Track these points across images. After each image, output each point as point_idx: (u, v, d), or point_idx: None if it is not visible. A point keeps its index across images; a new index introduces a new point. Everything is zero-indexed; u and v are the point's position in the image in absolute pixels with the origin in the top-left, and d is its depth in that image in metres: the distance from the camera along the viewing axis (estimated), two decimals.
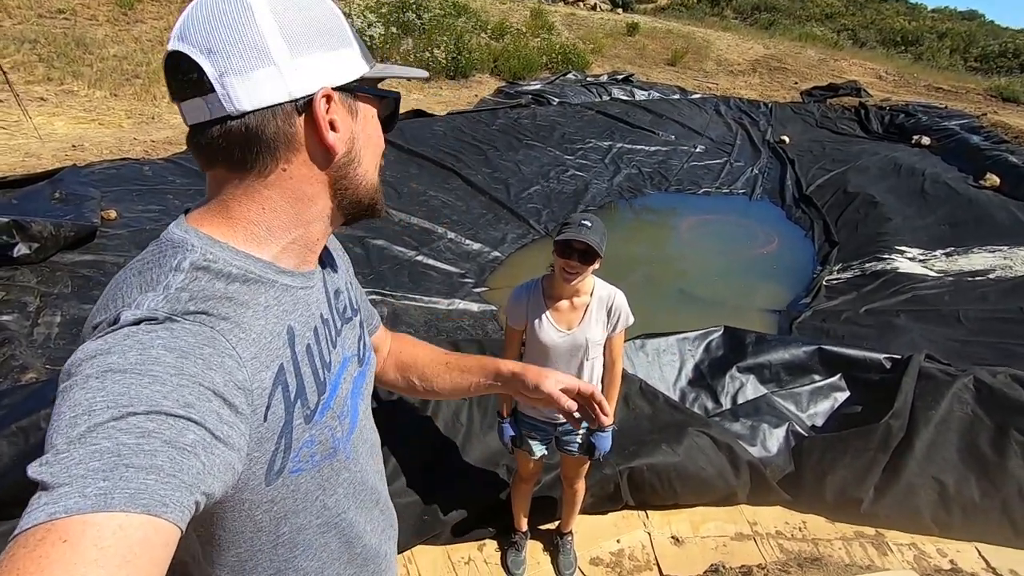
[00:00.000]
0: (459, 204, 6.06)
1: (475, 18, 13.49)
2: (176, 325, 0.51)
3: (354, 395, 0.74)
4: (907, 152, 8.50)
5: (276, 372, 0.58)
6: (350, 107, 0.63)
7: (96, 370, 0.46)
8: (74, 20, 9.15)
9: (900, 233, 5.85)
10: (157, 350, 0.48)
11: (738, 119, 10.51)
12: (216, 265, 0.57)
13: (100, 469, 0.40)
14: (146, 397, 0.45)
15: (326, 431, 0.65)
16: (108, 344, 0.48)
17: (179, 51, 0.55)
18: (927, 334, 4.04)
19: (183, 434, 0.45)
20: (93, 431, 0.42)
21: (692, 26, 19.20)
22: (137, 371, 0.46)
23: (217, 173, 0.60)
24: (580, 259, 1.63)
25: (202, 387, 0.48)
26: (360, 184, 0.67)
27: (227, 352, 0.53)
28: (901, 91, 13.74)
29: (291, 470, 0.61)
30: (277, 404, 0.58)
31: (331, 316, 0.72)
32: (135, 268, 0.57)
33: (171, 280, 0.54)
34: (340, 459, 0.69)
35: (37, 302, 3.20)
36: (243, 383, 0.53)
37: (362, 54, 0.64)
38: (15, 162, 5.19)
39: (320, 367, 0.66)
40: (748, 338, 3.00)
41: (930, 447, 2.40)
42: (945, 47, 23.82)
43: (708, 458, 2.35)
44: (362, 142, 0.65)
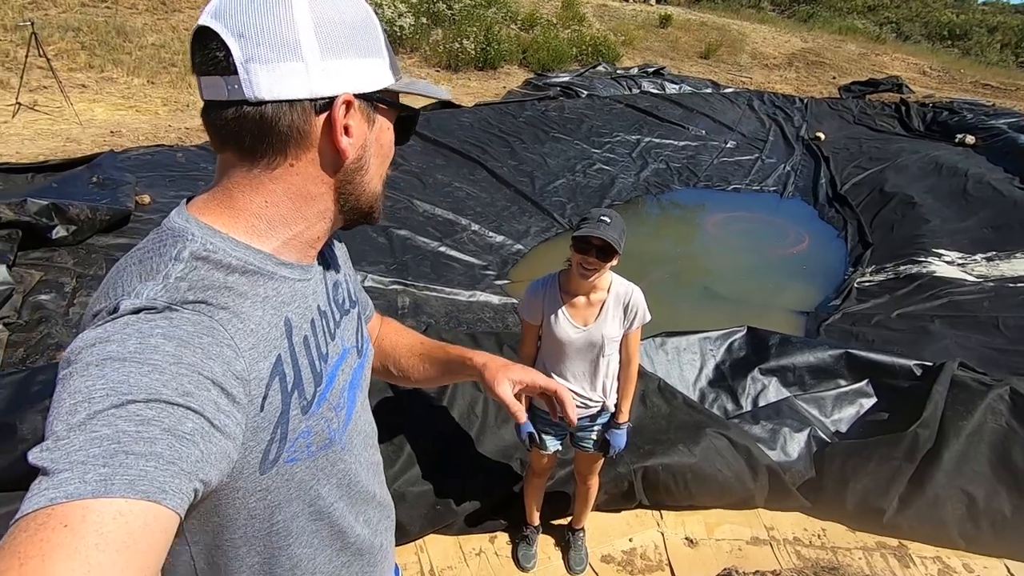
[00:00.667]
0: (484, 196, 6.06)
1: (505, 9, 13.40)
2: (175, 314, 0.51)
3: (352, 387, 0.75)
4: (950, 151, 8.17)
5: (274, 363, 0.59)
6: (368, 115, 0.63)
7: (96, 358, 0.46)
8: (115, 9, 9.40)
9: (938, 235, 5.63)
10: (156, 339, 0.48)
11: (772, 114, 10.24)
12: (216, 255, 0.57)
13: (100, 455, 0.41)
14: (145, 385, 0.45)
15: (322, 422, 0.66)
16: (107, 332, 0.48)
17: (210, 28, 0.55)
18: (963, 341, 3.89)
19: (182, 422, 0.46)
20: (93, 418, 0.43)
21: (727, 18, 18.73)
22: (136, 359, 0.46)
23: (226, 157, 0.60)
24: (598, 255, 1.60)
25: (200, 376, 0.49)
26: (364, 191, 0.67)
27: (225, 342, 0.53)
28: (946, 88, 13.19)
29: (286, 459, 0.61)
30: (274, 394, 0.58)
31: (329, 308, 0.73)
32: (135, 257, 0.58)
33: (171, 270, 0.55)
34: (335, 450, 0.69)
35: (73, 283, 3.31)
36: (241, 373, 0.54)
37: (390, 65, 0.65)
38: (56, 147, 5.38)
39: (317, 358, 0.66)
40: (772, 339, 2.93)
41: (960, 459, 2.31)
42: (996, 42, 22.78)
43: (725, 460, 2.31)
44: (373, 151, 0.65)
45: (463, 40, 10.83)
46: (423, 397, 2.35)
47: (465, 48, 10.76)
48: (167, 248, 0.57)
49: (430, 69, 10.79)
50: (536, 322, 1.80)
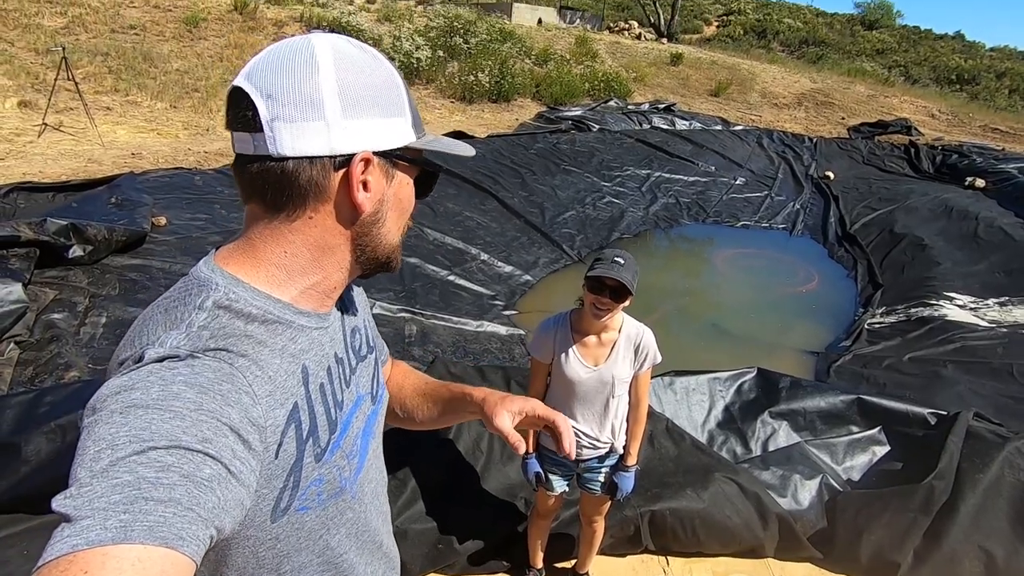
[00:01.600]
0: (494, 226, 6.11)
1: (520, 44, 13.76)
2: (197, 361, 0.53)
3: (365, 434, 0.75)
4: (959, 194, 8.18)
5: (290, 410, 0.60)
6: (387, 171, 0.66)
7: (120, 406, 0.48)
8: (143, 35, 9.74)
9: (950, 279, 5.59)
10: (178, 386, 0.50)
11: (781, 152, 10.34)
12: (237, 304, 0.60)
13: (121, 502, 0.42)
14: (166, 432, 0.47)
15: (334, 470, 0.66)
16: (132, 381, 0.50)
17: (242, 88, 0.59)
18: (976, 388, 3.82)
19: (200, 468, 0.47)
20: (115, 465, 0.44)
21: (737, 57, 19.11)
22: (159, 407, 0.48)
23: (252, 208, 0.64)
24: (612, 296, 1.61)
25: (219, 422, 0.50)
26: (381, 243, 0.68)
27: (244, 389, 0.55)
28: (955, 131, 13.29)
29: (297, 508, 0.62)
30: (289, 442, 0.59)
31: (346, 355, 0.74)
32: (162, 306, 0.60)
33: (194, 318, 0.57)
34: (346, 499, 0.69)
35: (86, 302, 3.34)
36: (257, 420, 0.55)
37: (413, 123, 0.66)
38: (78, 167, 5.50)
39: (333, 406, 0.67)
40: (782, 382, 2.89)
41: (977, 513, 2.24)
42: (1004, 87, 23.04)
43: (735, 507, 2.26)
44: (391, 204, 0.67)
45: (478, 73, 11.10)
46: (428, 433, 2.33)
47: (480, 81, 11.02)
48: (192, 297, 0.59)
49: (445, 100, 11.03)
50: (546, 360, 1.79)
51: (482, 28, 13.34)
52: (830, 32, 31.54)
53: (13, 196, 4.35)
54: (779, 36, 30.22)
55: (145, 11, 10.50)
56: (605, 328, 1.74)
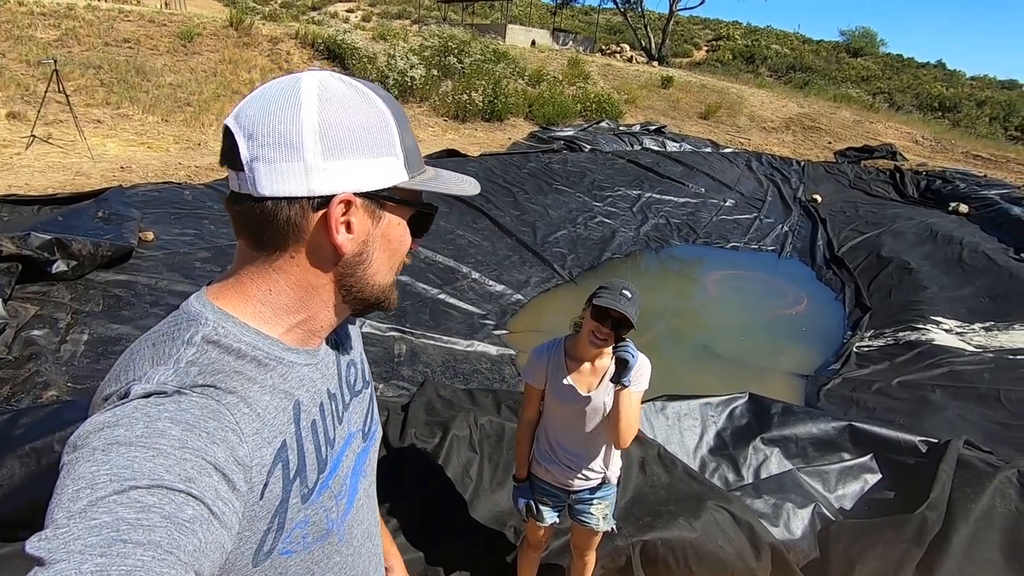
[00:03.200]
0: (485, 244, 6.11)
1: (514, 64, 13.94)
2: (183, 398, 0.52)
3: (355, 473, 0.73)
4: (944, 219, 8.33)
5: (278, 448, 0.58)
6: (373, 212, 0.64)
7: (102, 443, 0.46)
8: (137, 49, 9.74)
9: (936, 303, 5.66)
10: (163, 423, 0.49)
11: (770, 175, 10.49)
12: (226, 340, 0.58)
13: (98, 544, 0.40)
14: (149, 470, 0.45)
15: (321, 512, 0.64)
16: (116, 417, 0.49)
17: (228, 128, 0.59)
18: (965, 413, 3.84)
19: (182, 509, 0.45)
20: (95, 505, 0.42)
21: (726, 81, 19.49)
22: (142, 444, 0.46)
23: (241, 244, 0.63)
24: (613, 327, 1.59)
25: (204, 461, 0.49)
26: (368, 284, 0.67)
27: (230, 426, 0.53)
28: (938, 156, 13.59)
29: (281, 551, 0.59)
30: (275, 482, 0.57)
31: (339, 390, 0.72)
32: (150, 339, 0.59)
33: (182, 354, 0.56)
34: (333, 542, 0.67)
35: (68, 319, 3.27)
36: (243, 459, 0.53)
37: (406, 162, 0.64)
38: (66, 180, 5.44)
39: (323, 443, 0.65)
40: (774, 408, 2.88)
41: (969, 544, 2.23)
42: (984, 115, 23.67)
43: (727, 536, 2.22)
44: (378, 245, 0.66)
45: (471, 92, 11.20)
46: (416, 458, 2.28)
47: (473, 100, 11.11)
48: (181, 332, 0.58)
49: (438, 118, 11.10)
50: (539, 386, 1.77)
51: (476, 48, 13.50)
52: (816, 58, 32.34)
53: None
54: (767, 61, 30.91)
55: (140, 25, 10.51)
56: (600, 355, 1.72)
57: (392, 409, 2.45)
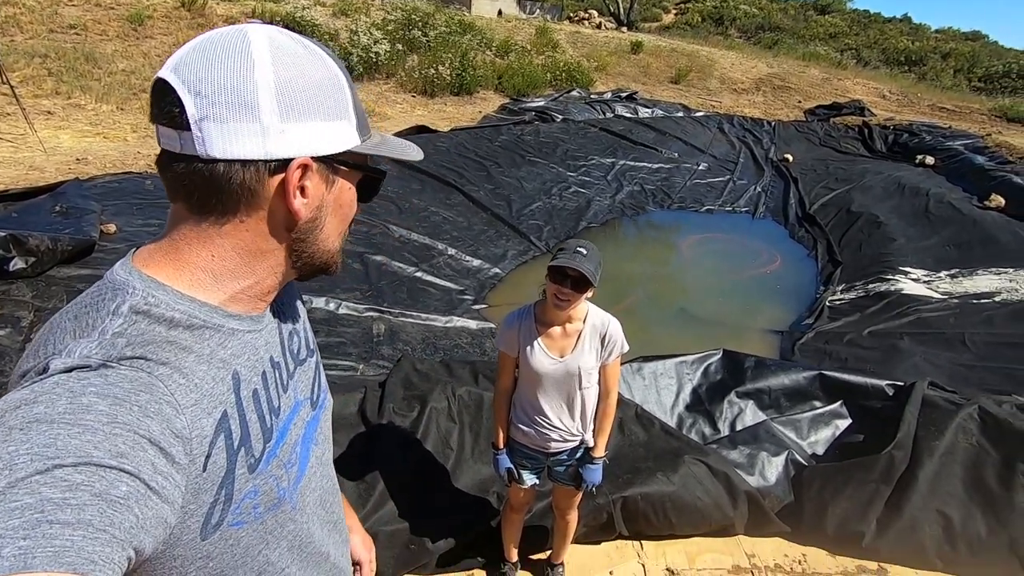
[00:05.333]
0: (460, 220, 6.06)
1: (480, 36, 13.64)
2: (111, 371, 0.49)
3: (305, 441, 0.71)
4: (911, 172, 8.47)
5: (219, 419, 0.56)
6: (327, 177, 0.62)
7: (20, 421, 0.43)
8: (84, 35, 9.29)
9: (904, 254, 5.79)
10: (89, 397, 0.46)
11: (741, 137, 10.52)
12: (158, 309, 0.55)
13: (20, 527, 0.38)
14: (75, 448, 0.43)
15: (271, 480, 0.62)
16: (35, 394, 0.45)
17: (167, 81, 0.54)
18: (931, 358, 3.97)
19: (115, 486, 0.43)
20: (14, 487, 0.40)
21: (696, 45, 19.35)
22: (66, 421, 0.44)
23: (177, 208, 0.59)
24: (573, 286, 1.59)
25: (137, 435, 0.46)
26: (318, 248, 0.65)
27: (165, 399, 0.51)
28: (905, 111, 13.75)
29: (231, 523, 0.58)
30: (218, 453, 0.55)
31: (283, 359, 0.70)
32: (71, 312, 0.55)
33: (107, 325, 0.52)
34: (285, 510, 0.66)
35: (31, 317, 3.18)
36: (181, 431, 0.51)
37: (358, 127, 0.63)
38: (18, 175, 5.23)
39: (267, 412, 0.63)
40: (747, 362, 2.94)
41: (934, 480, 2.32)
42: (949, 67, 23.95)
43: (704, 488, 2.29)
44: (331, 210, 0.64)
45: (439, 66, 10.96)
46: (396, 432, 2.29)
47: (440, 74, 10.88)
48: (105, 302, 0.55)
49: (406, 94, 10.86)
50: (513, 353, 1.77)
51: (441, 20, 13.16)
52: (784, 18, 32.23)
53: None
54: (736, 23, 30.73)
55: (85, 9, 10.01)
56: (570, 319, 1.72)
57: (370, 386, 2.44)
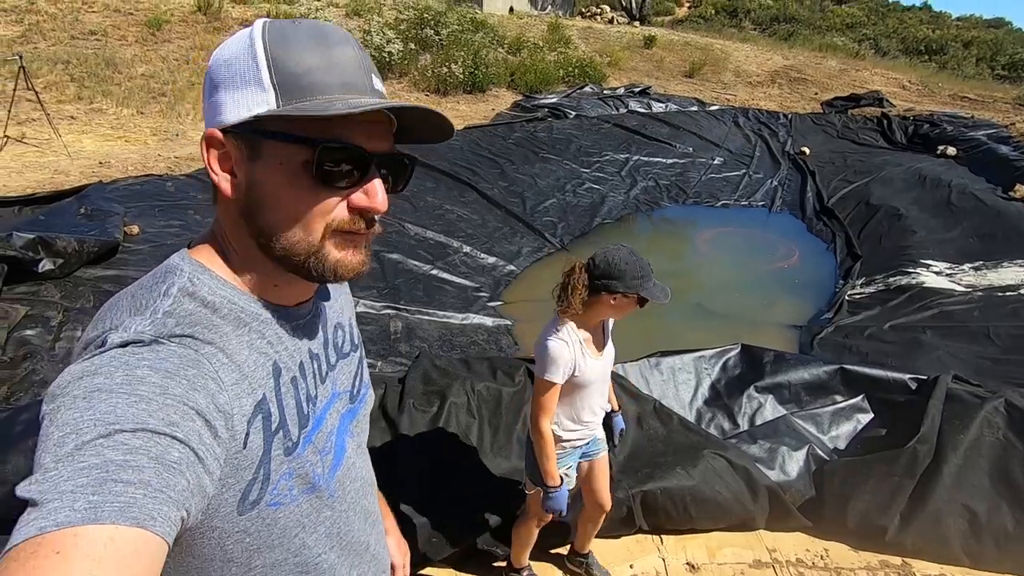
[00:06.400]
0: (475, 218, 6.08)
1: (492, 33, 13.63)
2: (161, 347, 0.52)
3: (340, 431, 0.73)
4: (932, 163, 8.31)
5: (258, 401, 0.59)
6: (249, 150, 0.58)
7: (83, 391, 0.47)
8: (105, 41, 9.47)
9: (926, 246, 5.69)
10: (143, 370, 0.49)
11: (757, 130, 10.40)
12: (201, 292, 0.59)
13: (88, 484, 0.41)
14: (132, 415, 0.46)
15: (306, 465, 0.64)
16: (95, 366, 0.49)
17: None
18: (955, 351, 3.90)
19: (168, 451, 0.46)
20: (81, 449, 0.43)
21: (710, 38, 19.14)
22: (123, 391, 0.47)
23: None
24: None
25: (186, 406, 0.49)
26: (277, 240, 0.59)
27: (210, 375, 0.54)
28: (925, 101, 13.47)
29: (268, 503, 0.60)
30: (256, 433, 0.58)
31: (323, 351, 0.72)
32: (130, 292, 0.60)
33: (159, 304, 0.56)
34: (322, 497, 0.68)
35: (60, 317, 3.26)
36: (223, 406, 0.54)
37: (280, 93, 0.56)
38: (44, 179, 5.35)
39: (304, 400, 0.65)
40: (766, 356, 2.92)
41: (959, 473, 2.29)
42: (971, 56, 23.39)
43: (724, 482, 2.28)
44: (268, 190, 0.58)
45: (451, 64, 10.97)
46: (416, 427, 2.32)
47: (453, 72, 10.90)
48: (159, 284, 0.59)
49: (419, 93, 10.91)
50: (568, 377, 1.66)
51: (453, 19, 13.17)
52: (800, 8, 31.72)
53: None
54: (750, 15, 30.32)
55: (105, 16, 10.20)
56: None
57: (389, 383, 2.47)
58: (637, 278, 1.59)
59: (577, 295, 1.62)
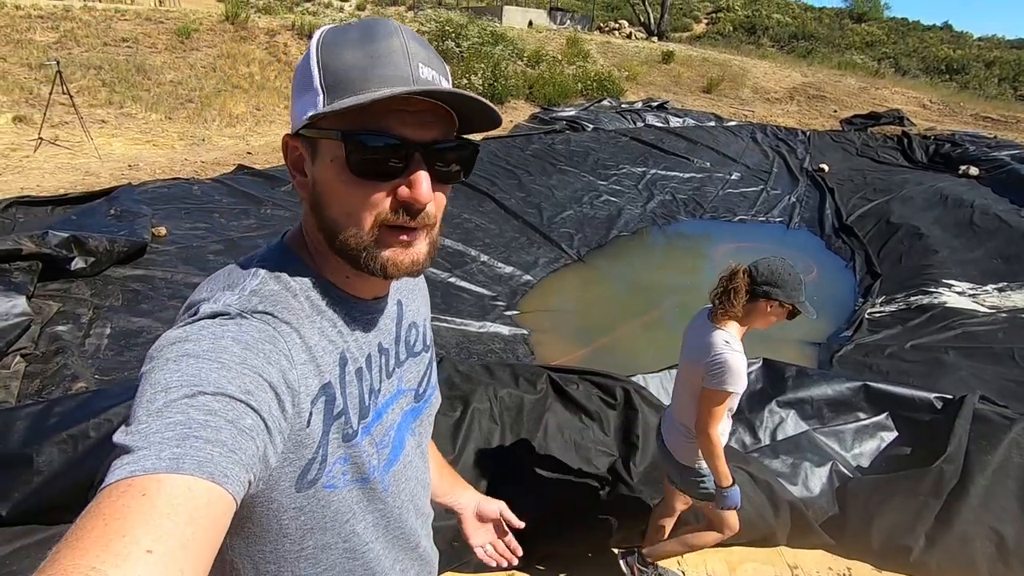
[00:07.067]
0: (492, 227, 6.12)
1: (512, 46, 13.80)
2: (245, 321, 0.56)
3: (401, 428, 0.74)
4: (954, 183, 8.23)
5: (324, 384, 0.61)
6: (310, 151, 0.62)
7: (175, 354, 0.51)
8: (136, 48, 9.73)
9: (947, 266, 5.63)
10: (226, 340, 0.53)
11: (775, 147, 10.38)
12: (284, 276, 0.63)
13: (174, 438, 0.45)
14: (214, 380, 0.50)
15: (362, 455, 0.66)
16: (186, 333, 0.54)
17: None
18: (979, 372, 3.84)
19: (242, 417, 0.49)
20: (169, 406, 0.47)
21: (728, 54, 19.20)
22: (208, 357, 0.51)
23: None
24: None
25: (261, 378, 0.53)
26: (334, 236, 0.62)
27: (283, 352, 0.57)
28: (946, 120, 13.38)
29: (324, 484, 0.62)
30: (318, 415, 0.60)
31: (393, 347, 0.73)
32: (228, 268, 0.65)
33: (247, 283, 0.61)
34: (375, 488, 0.69)
35: (90, 314, 3.34)
36: (292, 383, 0.57)
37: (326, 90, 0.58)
38: (76, 180, 5.50)
39: (367, 392, 0.67)
40: (788, 371, 2.91)
41: (986, 495, 2.25)
42: (993, 76, 23.19)
43: (746, 496, 2.25)
44: (323, 188, 0.61)
45: (471, 76, 11.12)
46: (439, 431, 2.33)
47: (473, 84, 11.04)
48: (250, 265, 0.64)
49: None
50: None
51: (473, 31, 13.37)
52: (819, 26, 31.74)
53: (12, 211, 4.35)
54: (768, 32, 30.38)
55: (137, 23, 10.50)
56: None
57: None
58: (796, 289, 1.61)
59: (739, 299, 1.65)
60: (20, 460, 1.97)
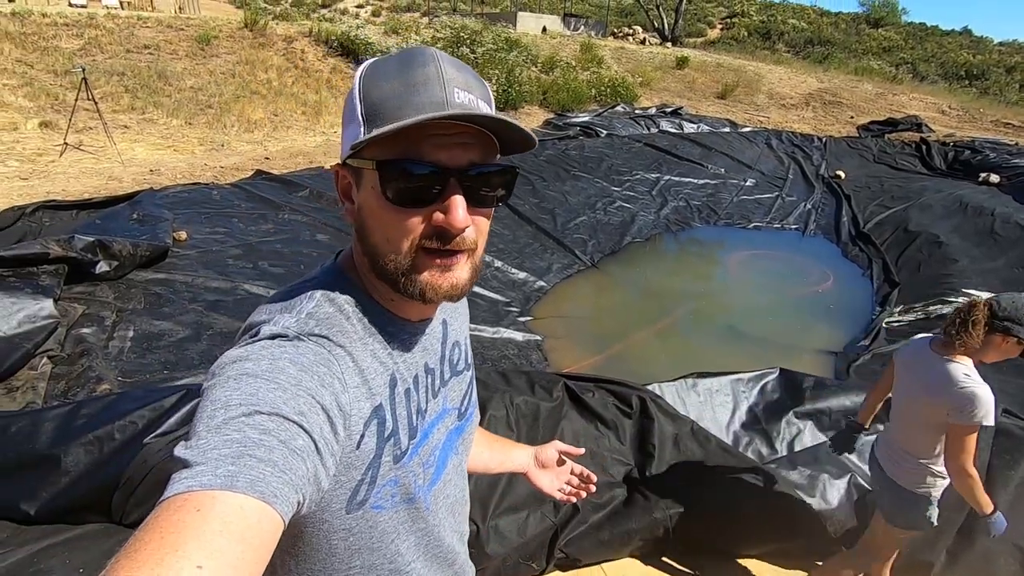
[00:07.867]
0: (506, 233, 6.14)
1: (526, 52, 13.85)
2: (302, 344, 0.58)
3: (445, 448, 0.75)
4: (974, 190, 8.11)
5: (375, 407, 0.63)
6: (356, 179, 0.64)
7: (235, 373, 0.53)
8: (157, 55, 9.92)
9: (967, 275, 5.55)
10: (283, 362, 0.55)
11: (791, 153, 10.31)
12: (339, 299, 0.65)
13: (229, 455, 0.47)
14: (270, 400, 0.51)
15: (410, 475, 0.67)
16: (247, 353, 0.56)
17: None
18: (1002, 385, 3.77)
19: (295, 438, 0.51)
20: (228, 423, 0.49)
21: (743, 60, 19.11)
22: (266, 377, 0.53)
23: None
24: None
25: (314, 400, 0.54)
26: (376, 261, 0.64)
27: (337, 375, 0.59)
28: (966, 126, 13.19)
29: (373, 505, 0.64)
30: (370, 437, 0.62)
31: (439, 366, 0.75)
32: (286, 291, 0.67)
33: (304, 306, 0.63)
34: (419, 508, 0.70)
35: (113, 317, 3.41)
36: (344, 406, 0.58)
37: (366, 120, 0.59)
38: (99, 184, 5.61)
39: (415, 412, 0.69)
40: (806, 382, 2.88)
41: (1010, 511, 2.20)
42: (1014, 81, 22.84)
43: (764, 507, 2.25)
44: (366, 214, 0.63)
45: (486, 82, 11.17)
46: None
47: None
48: (307, 287, 0.66)
49: None
50: None
51: (488, 37, 13.45)
52: (835, 31, 31.47)
53: (39, 214, 4.45)
54: (784, 37, 30.19)
55: (158, 31, 10.71)
56: None
57: None
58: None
59: (978, 331, 1.64)
60: (48, 461, 2.02)
